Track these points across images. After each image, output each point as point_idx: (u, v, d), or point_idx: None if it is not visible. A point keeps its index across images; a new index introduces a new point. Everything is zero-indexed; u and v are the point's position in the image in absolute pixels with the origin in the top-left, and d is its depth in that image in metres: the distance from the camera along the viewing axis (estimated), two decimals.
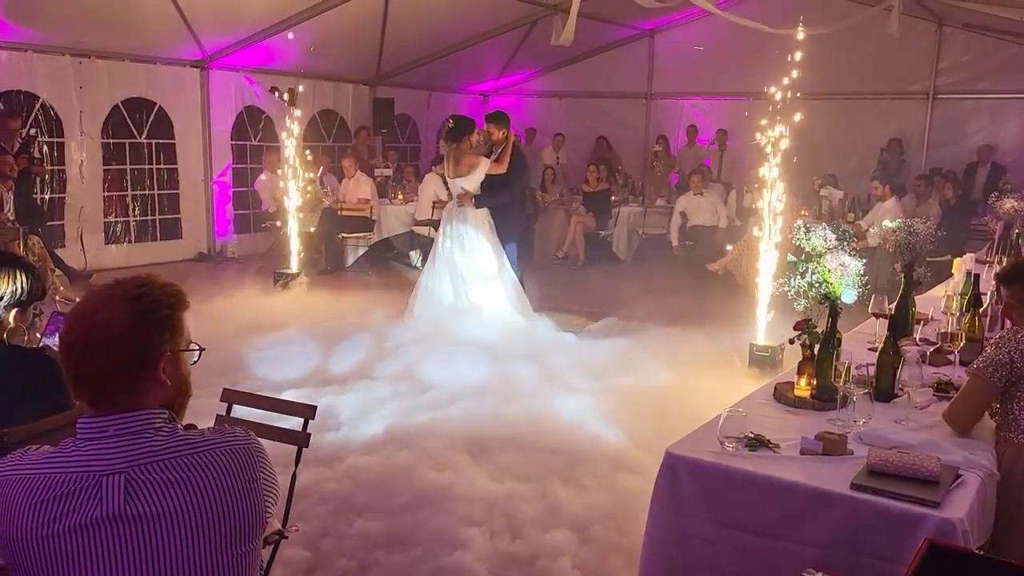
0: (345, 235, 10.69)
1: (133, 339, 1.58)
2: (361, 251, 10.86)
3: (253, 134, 11.54)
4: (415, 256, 10.96)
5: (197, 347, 1.71)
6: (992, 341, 2.95)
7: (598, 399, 5.66)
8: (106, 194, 10.13)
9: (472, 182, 7.26)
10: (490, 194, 7.25)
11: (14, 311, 2.64)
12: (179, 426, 1.66)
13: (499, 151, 7.28)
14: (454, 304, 7.36)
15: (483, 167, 7.21)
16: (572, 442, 4.92)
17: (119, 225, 10.31)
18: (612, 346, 7.03)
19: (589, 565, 3.65)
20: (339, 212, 10.61)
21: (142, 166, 10.44)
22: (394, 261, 11.27)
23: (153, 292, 1.62)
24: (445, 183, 10.57)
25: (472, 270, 7.34)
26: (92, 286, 1.65)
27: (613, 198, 11.88)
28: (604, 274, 10.41)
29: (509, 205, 7.30)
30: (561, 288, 9.09)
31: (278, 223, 9.87)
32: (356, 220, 10.68)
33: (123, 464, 1.55)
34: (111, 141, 10.06)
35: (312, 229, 10.22)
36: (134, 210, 10.43)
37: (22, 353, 2.62)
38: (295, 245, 9.12)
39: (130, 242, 10.39)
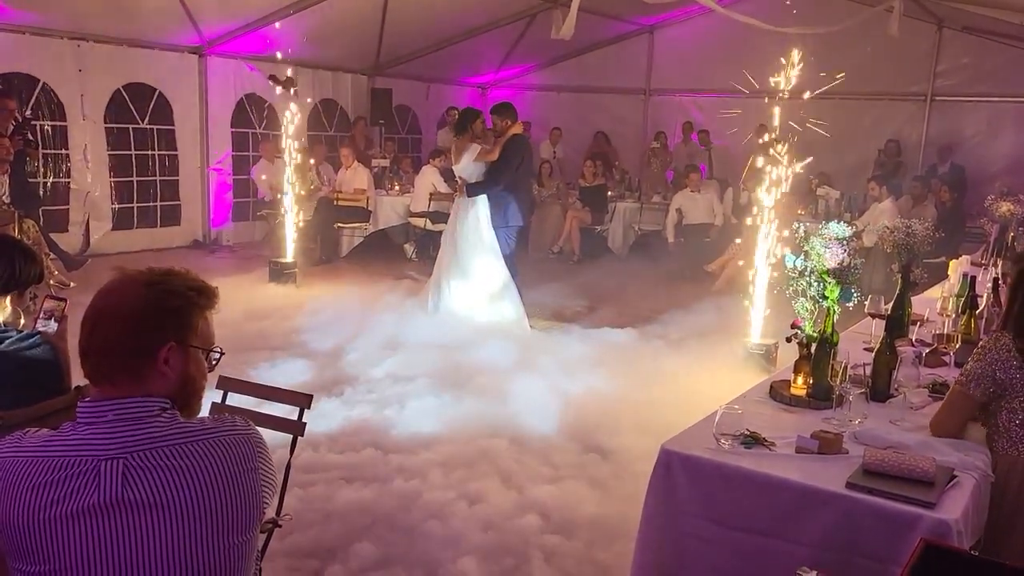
0: (341, 225, 10.67)
1: (137, 322, 1.59)
2: (357, 241, 10.84)
3: (257, 122, 11.50)
4: (409, 248, 10.95)
5: (217, 350, 1.70)
6: (975, 352, 2.91)
7: (588, 395, 5.66)
8: (113, 180, 10.08)
9: (463, 170, 7.31)
10: (479, 183, 7.28)
11: (11, 295, 2.63)
12: (179, 415, 1.64)
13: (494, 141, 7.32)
14: (447, 294, 7.41)
15: (470, 154, 7.25)
16: (560, 437, 4.93)
17: (122, 210, 10.27)
18: (605, 341, 7.03)
19: (581, 561, 3.66)
20: (335, 202, 10.58)
21: (145, 152, 10.41)
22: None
23: (173, 282, 1.64)
24: (443, 175, 10.68)
25: (462, 259, 7.38)
26: (123, 268, 1.66)
27: (610, 193, 11.88)
28: (599, 269, 10.43)
29: (500, 195, 7.27)
30: (556, 283, 9.09)
31: (275, 211, 9.84)
32: (352, 210, 10.66)
33: (121, 450, 1.55)
34: (114, 126, 10.02)
35: (306, 217, 10.17)
36: (136, 196, 10.38)
37: (18, 336, 2.60)
38: (291, 234, 9.09)
39: (130, 228, 10.35)
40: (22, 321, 2.75)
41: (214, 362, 1.73)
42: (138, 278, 1.63)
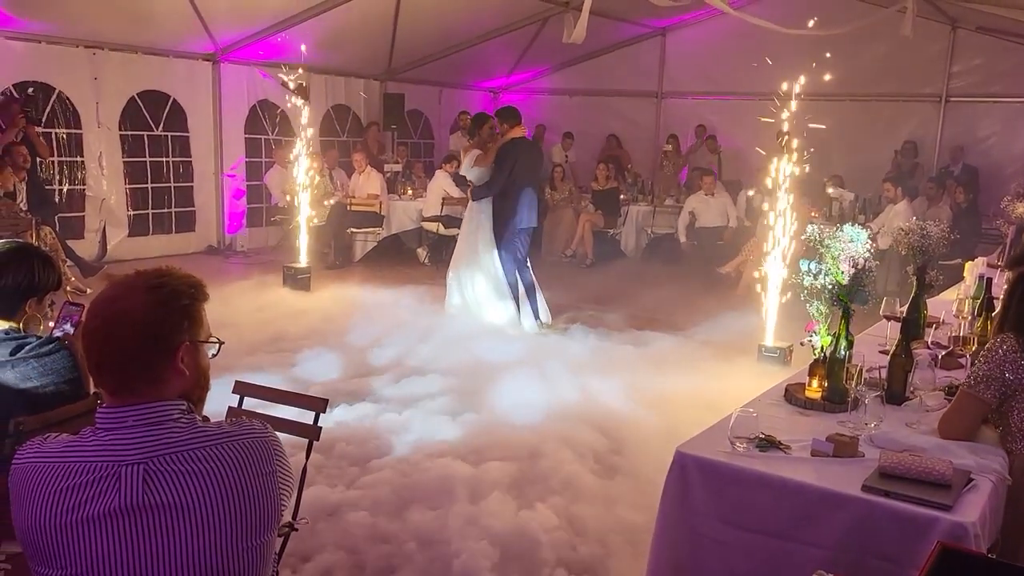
0: (354, 230, 10.71)
1: (152, 327, 1.59)
2: (370, 246, 10.88)
3: (269, 128, 11.57)
4: (423, 253, 10.98)
5: (216, 340, 1.72)
6: (981, 354, 2.87)
7: (601, 397, 5.66)
8: (128, 187, 10.16)
9: (467, 173, 7.45)
10: (479, 187, 7.37)
11: (31, 300, 2.66)
12: (197, 418, 1.67)
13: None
14: (454, 293, 7.59)
15: (469, 159, 7.38)
16: (573, 439, 4.91)
17: (137, 217, 10.34)
18: (618, 344, 7.03)
19: (596, 563, 3.66)
20: (348, 207, 10.63)
21: (159, 159, 10.48)
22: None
23: (173, 282, 1.64)
24: (455, 180, 10.73)
25: (463, 260, 7.52)
26: (112, 276, 1.67)
27: (622, 197, 11.87)
28: (612, 272, 10.42)
29: (500, 197, 7.31)
30: (569, 286, 9.09)
31: (288, 217, 9.89)
32: (365, 215, 10.70)
33: (142, 454, 1.56)
34: (129, 133, 10.10)
35: (320, 222, 10.22)
36: (150, 202, 10.46)
37: (38, 343, 2.64)
38: (304, 239, 9.12)
39: (146, 234, 10.43)
40: (41, 326, 2.78)
41: (215, 352, 1.74)
42: (136, 284, 1.62)
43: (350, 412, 5.24)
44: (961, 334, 3.77)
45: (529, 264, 7.61)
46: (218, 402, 3.04)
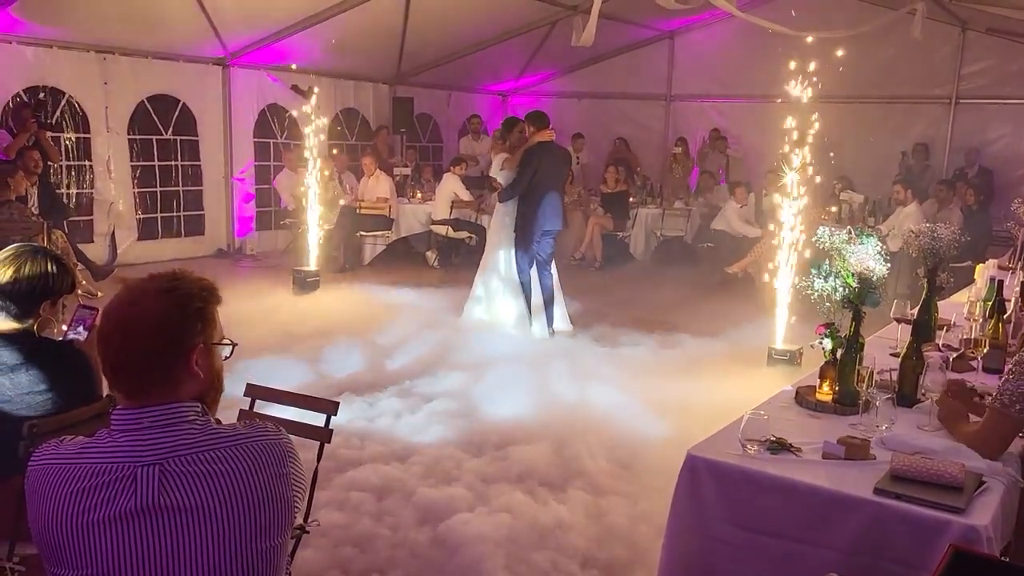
0: (363, 233, 10.74)
1: (166, 330, 1.60)
2: (379, 249, 10.90)
3: (278, 132, 11.61)
4: (432, 256, 11.00)
5: (229, 342, 1.73)
6: (1011, 370, 2.73)
7: (609, 400, 5.65)
8: (136, 190, 10.20)
9: (496, 176, 7.48)
10: (503, 189, 7.40)
11: (45, 303, 2.68)
12: (211, 419, 1.68)
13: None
14: (481, 289, 7.63)
15: (498, 161, 7.45)
16: (583, 443, 4.89)
17: (147, 221, 10.38)
18: (628, 347, 7.03)
19: (607, 567, 3.65)
20: (358, 210, 10.65)
21: (168, 163, 10.52)
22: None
23: (186, 285, 1.65)
24: (464, 183, 10.77)
25: (489, 257, 7.57)
26: (126, 279, 1.68)
27: (631, 199, 11.87)
28: (622, 275, 10.42)
29: (523, 200, 7.32)
30: (578, 289, 9.08)
31: (297, 220, 9.92)
32: (375, 218, 10.72)
33: (157, 456, 1.57)
34: (138, 138, 10.14)
35: (329, 226, 10.24)
36: (160, 206, 10.51)
37: (52, 345, 2.66)
38: (314, 243, 9.14)
39: (155, 238, 10.48)
40: (55, 330, 2.80)
41: (229, 353, 1.75)
42: (150, 287, 1.63)
43: (360, 410, 5.26)
44: (972, 336, 3.76)
45: (554, 270, 7.58)
46: (231, 396, 3.07)
